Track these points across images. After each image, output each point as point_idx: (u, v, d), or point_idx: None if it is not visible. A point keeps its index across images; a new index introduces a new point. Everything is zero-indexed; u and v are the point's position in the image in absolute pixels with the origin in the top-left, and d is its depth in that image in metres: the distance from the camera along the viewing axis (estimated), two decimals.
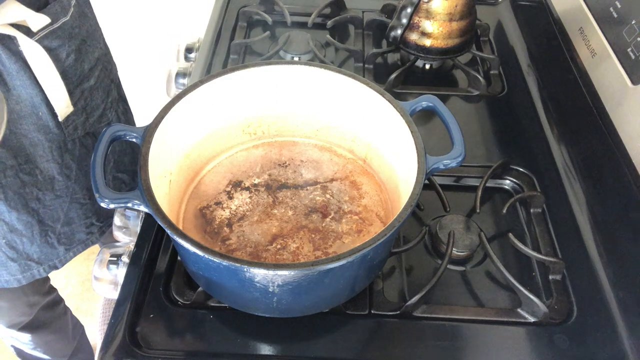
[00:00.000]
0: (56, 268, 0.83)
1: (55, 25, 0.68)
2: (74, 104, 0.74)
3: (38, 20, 0.65)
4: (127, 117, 0.92)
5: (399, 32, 0.86)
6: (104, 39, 0.84)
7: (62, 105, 0.72)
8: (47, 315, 1.05)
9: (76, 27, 0.72)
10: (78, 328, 1.21)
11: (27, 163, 0.72)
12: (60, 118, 0.72)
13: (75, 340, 1.19)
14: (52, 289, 1.07)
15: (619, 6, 0.70)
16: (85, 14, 0.76)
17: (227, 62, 0.89)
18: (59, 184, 0.77)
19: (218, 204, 0.63)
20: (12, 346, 1.11)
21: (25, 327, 1.02)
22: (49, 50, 0.68)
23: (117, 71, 0.90)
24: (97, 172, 0.52)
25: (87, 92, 0.77)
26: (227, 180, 0.66)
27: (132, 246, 0.64)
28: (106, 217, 0.88)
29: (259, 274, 0.47)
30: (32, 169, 0.73)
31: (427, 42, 0.86)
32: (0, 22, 0.61)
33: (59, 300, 1.10)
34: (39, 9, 0.66)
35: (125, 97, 0.95)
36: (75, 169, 0.78)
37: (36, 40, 0.66)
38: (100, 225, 0.87)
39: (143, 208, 0.50)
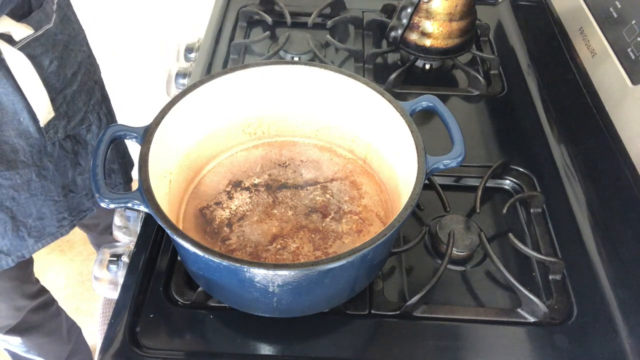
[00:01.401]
0: (24, 258, 0.84)
1: (39, 33, 0.68)
2: (56, 109, 0.74)
3: (21, 32, 0.65)
4: (110, 117, 0.93)
5: (399, 32, 0.86)
6: (87, 41, 0.85)
7: (44, 111, 0.72)
8: (38, 317, 1.04)
9: (59, 33, 0.72)
10: (74, 330, 1.20)
11: (9, 170, 0.73)
12: (42, 124, 0.73)
13: (71, 343, 1.18)
14: (42, 292, 1.06)
15: (619, 6, 0.70)
16: (68, 17, 0.76)
17: (227, 62, 0.89)
18: (34, 184, 0.78)
19: (218, 204, 0.63)
20: (6, 349, 1.11)
21: (13, 330, 1.01)
22: (32, 58, 0.68)
23: (100, 72, 0.91)
24: (98, 172, 0.52)
25: (70, 97, 0.77)
26: (227, 180, 0.66)
27: (132, 246, 0.64)
28: (78, 212, 0.88)
29: (259, 274, 0.47)
30: (12, 175, 0.74)
31: (427, 42, 0.86)
32: None
33: (51, 302, 1.09)
34: (22, 16, 0.66)
35: (108, 97, 0.95)
36: (52, 169, 0.79)
37: (19, 48, 0.66)
38: (71, 219, 0.87)
39: (143, 208, 0.50)
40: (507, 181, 0.73)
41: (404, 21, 0.85)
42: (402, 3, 0.85)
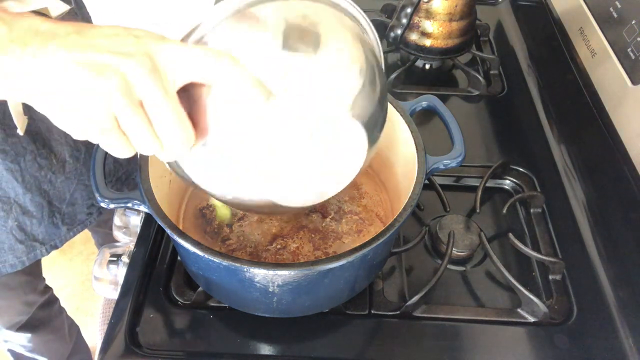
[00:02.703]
0: (56, 247, 0.85)
1: (68, 8, 0.69)
2: None
3: (58, 7, 0.66)
4: None
5: (399, 32, 0.86)
6: None
7: None
8: (44, 314, 1.05)
9: (79, 14, 0.74)
10: (74, 328, 1.22)
11: (45, 147, 0.74)
12: None
13: (72, 341, 1.19)
14: (48, 288, 1.07)
15: (619, 6, 0.70)
16: (81, 5, 0.78)
17: None
18: (69, 166, 0.79)
19: None
20: (10, 350, 1.11)
21: (23, 327, 1.02)
22: None
23: None
24: (97, 172, 0.52)
25: None
26: None
27: (132, 246, 0.64)
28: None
29: (259, 274, 0.47)
30: (48, 153, 0.75)
31: (427, 42, 0.86)
32: (26, 9, 0.62)
33: (54, 300, 1.11)
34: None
35: None
36: (84, 151, 0.80)
37: None
38: (98, 207, 0.88)
39: (143, 208, 0.50)
40: (507, 181, 0.73)
41: (404, 21, 0.85)
42: (402, 3, 0.85)
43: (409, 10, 0.84)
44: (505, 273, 0.59)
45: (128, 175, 0.92)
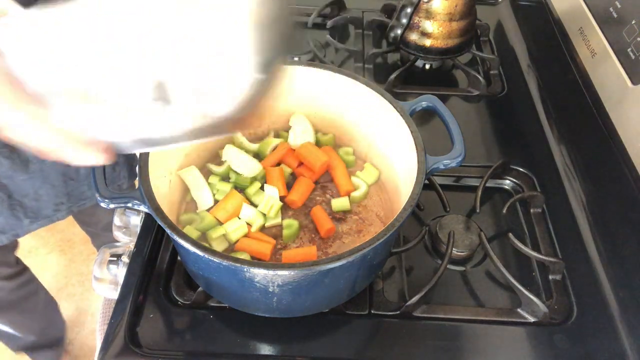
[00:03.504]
0: (18, 236, 0.85)
1: None
2: None
3: None
4: None
5: (399, 32, 0.87)
6: None
7: None
8: (13, 296, 1.05)
9: None
10: (51, 305, 1.21)
11: (6, 147, 0.74)
12: None
13: (46, 318, 1.19)
14: (21, 272, 1.06)
15: (619, 6, 0.70)
16: None
17: None
18: (33, 166, 0.78)
19: None
20: None
21: None
22: None
23: None
24: (97, 172, 0.52)
25: None
26: None
27: (132, 246, 0.64)
28: (77, 199, 0.88)
29: (259, 274, 0.47)
30: (10, 152, 0.75)
31: (427, 42, 0.86)
32: None
33: (29, 280, 1.10)
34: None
35: None
36: None
37: None
38: (69, 205, 0.88)
39: (143, 208, 0.50)
40: (507, 181, 0.73)
41: (404, 21, 0.85)
42: (402, 3, 0.85)
43: (409, 10, 0.84)
44: (505, 273, 0.59)
45: (112, 181, 0.92)
